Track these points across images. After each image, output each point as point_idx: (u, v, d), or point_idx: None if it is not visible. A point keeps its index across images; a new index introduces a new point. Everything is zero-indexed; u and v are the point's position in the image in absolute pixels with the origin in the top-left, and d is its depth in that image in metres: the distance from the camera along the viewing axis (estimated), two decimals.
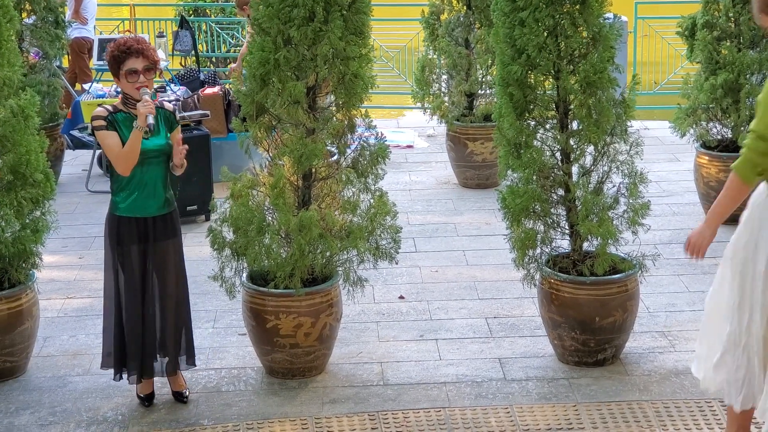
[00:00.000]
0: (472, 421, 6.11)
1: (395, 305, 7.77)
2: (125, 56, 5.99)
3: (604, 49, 6.50)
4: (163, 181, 6.15)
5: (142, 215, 6.11)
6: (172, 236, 6.23)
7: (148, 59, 6.02)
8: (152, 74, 6.08)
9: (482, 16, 10.41)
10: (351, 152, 6.66)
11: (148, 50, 6.04)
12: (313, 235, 6.34)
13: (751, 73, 9.07)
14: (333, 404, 6.34)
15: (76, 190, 10.76)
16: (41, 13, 10.83)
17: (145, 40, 6.15)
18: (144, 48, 6.02)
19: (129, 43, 6.02)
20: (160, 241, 6.17)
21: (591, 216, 6.57)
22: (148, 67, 6.02)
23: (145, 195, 6.09)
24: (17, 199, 6.52)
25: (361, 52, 6.46)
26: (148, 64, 6.02)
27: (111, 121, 6.03)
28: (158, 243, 6.16)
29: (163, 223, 6.17)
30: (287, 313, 6.44)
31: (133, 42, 6.03)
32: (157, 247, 6.16)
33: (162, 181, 6.14)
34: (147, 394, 6.38)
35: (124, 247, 6.13)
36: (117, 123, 6.03)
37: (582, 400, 6.31)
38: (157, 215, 6.14)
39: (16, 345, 6.63)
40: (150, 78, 6.06)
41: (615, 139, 6.66)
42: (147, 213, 6.12)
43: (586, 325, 6.55)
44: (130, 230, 6.12)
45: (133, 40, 6.05)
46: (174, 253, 6.24)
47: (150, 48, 6.07)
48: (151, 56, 6.05)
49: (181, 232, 6.32)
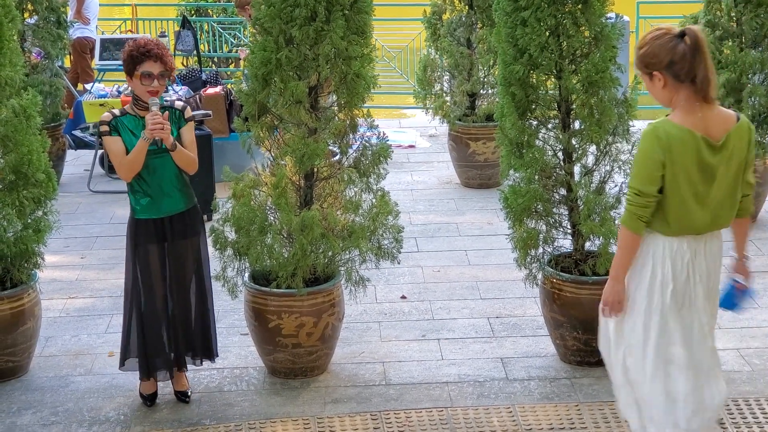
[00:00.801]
0: (474, 421, 6.11)
1: (397, 305, 7.77)
2: (144, 58, 5.96)
3: (606, 49, 6.50)
4: (174, 179, 6.12)
5: (157, 216, 6.10)
6: (192, 235, 6.20)
7: (165, 65, 6.00)
8: (165, 80, 6.05)
9: (484, 15, 10.41)
10: (353, 152, 6.66)
11: (167, 56, 6.02)
12: (315, 234, 6.34)
13: (753, 72, 9.05)
14: (335, 404, 6.34)
15: (78, 190, 10.76)
16: (43, 13, 10.82)
17: (164, 45, 6.12)
18: (163, 54, 5.99)
19: (149, 46, 5.98)
20: (179, 240, 6.16)
21: (593, 216, 6.56)
22: (163, 73, 6.00)
23: (158, 195, 6.08)
24: (19, 198, 6.52)
25: (363, 51, 6.45)
26: (164, 70, 6.00)
27: (115, 126, 6.02)
28: (176, 242, 6.15)
29: (181, 222, 6.15)
30: (289, 313, 6.44)
31: (153, 45, 6.00)
32: (175, 246, 6.15)
33: (172, 180, 6.11)
34: (150, 394, 6.37)
35: (142, 247, 6.12)
36: (122, 127, 6.02)
37: (584, 399, 6.31)
38: (173, 214, 6.13)
39: (18, 345, 6.63)
40: (163, 84, 6.03)
41: (617, 138, 6.66)
42: (162, 213, 6.10)
43: (588, 324, 6.53)
44: (148, 231, 6.10)
45: (153, 44, 6.02)
46: (192, 251, 6.22)
47: (168, 54, 6.06)
48: (169, 63, 6.03)
49: (204, 229, 6.30)
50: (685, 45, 4.46)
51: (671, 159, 4.43)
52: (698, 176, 4.47)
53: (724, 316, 7.35)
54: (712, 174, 4.49)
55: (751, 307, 7.53)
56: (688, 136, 4.44)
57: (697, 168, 4.45)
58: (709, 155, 4.46)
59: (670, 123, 4.47)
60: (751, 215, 4.83)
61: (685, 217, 4.52)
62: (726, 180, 4.55)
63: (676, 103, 4.52)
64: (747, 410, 6.15)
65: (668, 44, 4.45)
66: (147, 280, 6.15)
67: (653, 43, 4.48)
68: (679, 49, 4.46)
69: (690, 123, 4.47)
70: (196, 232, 6.25)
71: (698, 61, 4.45)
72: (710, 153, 4.47)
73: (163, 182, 6.08)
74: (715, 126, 4.48)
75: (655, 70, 4.50)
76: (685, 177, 4.46)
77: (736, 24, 9.09)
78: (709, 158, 4.47)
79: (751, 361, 6.74)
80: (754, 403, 6.22)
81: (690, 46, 4.46)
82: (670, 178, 4.46)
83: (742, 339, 7.05)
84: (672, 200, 4.50)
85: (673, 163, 4.44)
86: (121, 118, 6.05)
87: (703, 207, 4.52)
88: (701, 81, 4.44)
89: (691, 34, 4.47)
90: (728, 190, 4.59)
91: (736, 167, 4.58)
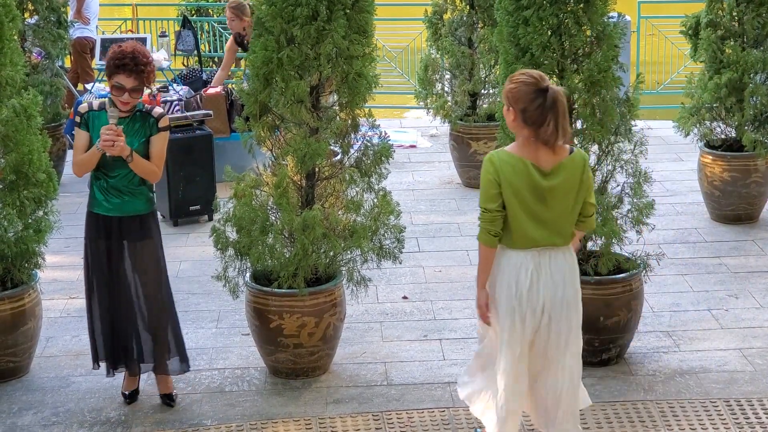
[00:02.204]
0: (476, 421, 6.09)
1: (399, 305, 7.76)
2: (117, 70, 5.86)
3: (608, 48, 6.49)
4: (133, 184, 6.03)
5: (110, 214, 6.06)
6: (145, 237, 6.11)
7: (139, 80, 5.87)
8: (139, 94, 5.93)
9: (485, 15, 10.40)
10: (354, 152, 6.65)
11: (143, 72, 5.86)
12: (317, 234, 6.33)
13: (755, 72, 9.05)
14: (337, 404, 6.32)
15: (78, 191, 10.70)
16: (44, 13, 10.81)
17: (145, 57, 5.91)
18: (140, 69, 5.85)
19: (125, 60, 5.84)
20: (132, 242, 6.10)
21: (595, 215, 6.55)
22: (136, 88, 5.89)
23: (115, 195, 6.04)
24: (20, 198, 6.51)
25: (365, 51, 6.44)
26: (137, 85, 5.89)
27: (86, 119, 6.02)
28: (130, 244, 6.10)
29: (133, 224, 6.08)
30: (291, 313, 6.43)
31: (130, 60, 5.84)
32: (129, 248, 6.11)
33: (131, 184, 6.03)
34: (130, 392, 6.39)
35: (93, 243, 6.14)
36: (95, 121, 5.98)
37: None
38: (127, 215, 6.06)
39: (19, 345, 6.62)
40: (135, 97, 5.92)
41: (619, 138, 6.64)
42: (118, 212, 6.05)
43: (590, 324, 6.51)
44: (100, 227, 6.10)
45: (130, 57, 5.85)
46: (149, 254, 6.14)
47: (146, 70, 5.88)
48: (144, 79, 5.88)
49: (158, 234, 6.18)
50: (542, 101, 5.00)
51: (505, 180, 5.06)
52: (531, 197, 5.08)
53: (727, 316, 7.38)
54: (544, 196, 5.09)
55: (754, 307, 7.52)
56: (518, 163, 5.06)
57: (529, 190, 5.07)
58: (540, 179, 5.06)
59: (504, 152, 5.13)
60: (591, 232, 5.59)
61: (523, 232, 5.12)
62: (562, 202, 5.14)
63: (518, 136, 5.15)
64: (750, 410, 6.14)
65: (529, 95, 5.01)
66: (99, 276, 6.16)
67: (520, 86, 5.05)
68: (535, 102, 5.00)
69: (522, 153, 5.09)
70: (152, 236, 6.14)
71: (548, 118, 4.99)
72: (541, 177, 5.06)
73: (121, 183, 6.03)
74: (546, 157, 5.07)
75: (511, 107, 5.08)
76: (518, 198, 5.07)
77: (738, 24, 9.08)
78: (541, 182, 5.07)
79: (753, 361, 6.73)
80: (757, 403, 6.21)
81: (546, 103, 5.00)
82: (507, 199, 5.09)
83: (745, 339, 7.04)
84: (512, 218, 5.12)
85: (508, 185, 5.06)
86: (96, 112, 6.01)
87: (539, 224, 5.11)
88: (544, 132, 5.01)
89: (552, 94, 5.00)
90: (564, 211, 5.15)
91: (571, 192, 5.15)
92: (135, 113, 6.01)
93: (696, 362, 6.75)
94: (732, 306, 7.57)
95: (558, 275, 5.18)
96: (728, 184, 9.13)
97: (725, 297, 7.73)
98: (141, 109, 6.06)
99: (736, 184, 9.11)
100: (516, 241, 5.15)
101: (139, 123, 6.01)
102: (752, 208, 9.24)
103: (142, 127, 6.01)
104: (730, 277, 8.09)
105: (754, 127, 9.11)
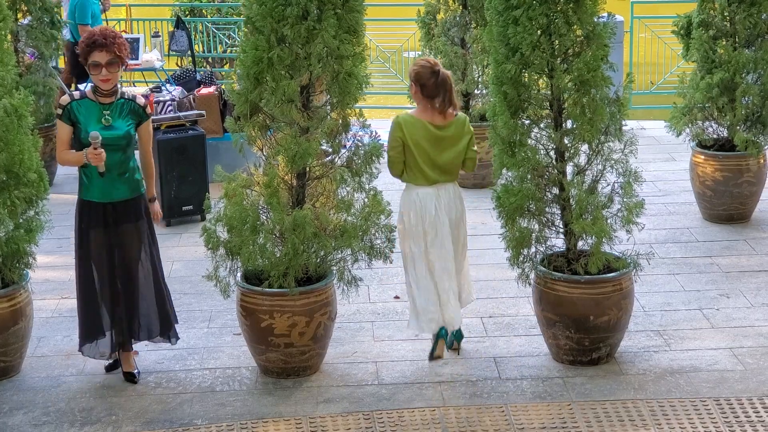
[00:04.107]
0: (466, 421, 6.10)
1: (390, 305, 7.76)
2: (90, 49, 6.16)
3: (598, 48, 6.50)
4: (123, 168, 6.31)
5: (103, 200, 6.31)
6: (135, 220, 6.40)
7: (111, 53, 6.15)
8: (116, 68, 6.22)
9: (478, 15, 10.41)
10: (345, 151, 6.66)
11: (114, 44, 6.15)
12: (307, 234, 6.33)
13: (746, 71, 9.06)
14: (327, 404, 6.33)
15: (71, 191, 10.66)
16: (37, 14, 10.83)
17: (114, 33, 6.27)
18: (108, 42, 6.14)
19: (94, 37, 6.16)
20: (122, 224, 6.36)
21: (585, 215, 6.56)
22: (111, 61, 6.17)
23: (105, 181, 6.27)
24: (11, 198, 6.52)
25: (355, 50, 6.45)
26: (112, 57, 6.16)
27: (68, 111, 6.28)
28: (120, 226, 6.36)
29: (124, 208, 6.36)
30: (281, 313, 6.43)
31: (99, 35, 6.16)
32: (119, 230, 6.36)
33: (121, 168, 6.31)
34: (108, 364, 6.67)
35: (86, 229, 6.35)
36: (76, 112, 6.26)
37: (577, 398, 6.30)
38: (118, 200, 6.33)
39: (10, 345, 6.62)
40: (113, 72, 6.21)
41: (609, 137, 6.65)
42: (109, 198, 6.31)
43: (580, 323, 6.54)
44: (94, 214, 6.33)
45: (99, 34, 6.18)
46: (138, 235, 6.42)
47: (117, 42, 6.18)
48: (115, 50, 6.16)
49: (149, 216, 6.49)
50: (435, 79, 6.55)
51: (408, 135, 6.57)
52: (428, 145, 6.58)
53: (718, 316, 7.39)
54: (439, 144, 6.61)
55: (745, 307, 7.53)
56: (418, 122, 6.59)
57: (427, 141, 6.58)
58: (436, 131, 6.59)
59: (408, 114, 6.67)
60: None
61: (421, 171, 6.61)
62: (452, 149, 6.62)
63: (419, 105, 6.65)
64: (740, 409, 6.15)
65: (426, 74, 6.58)
66: (88, 262, 6.38)
67: (421, 69, 6.60)
68: (430, 80, 6.57)
69: (422, 117, 6.60)
70: (140, 216, 6.43)
71: (439, 92, 6.56)
72: (436, 130, 6.59)
73: (113, 170, 6.28)
74: (439, 119, 6.60)
75: (414, 83, 6.60)
76: (419, 148, 6.56)
77: (730, 23, 9.09)
78: (436, 133, 6.59)
79: (744, 360, 6.74)
80: (747, 403, 6.22)
81: (438, 81, 6.55)
82: (411, 149, 6.57)
83: (735, 338, 7.05)
84: (414, 163, 6.59)
85: (410, 138, 6.56)
86: (79, 102, 6.28)
87: (433, 166, 6.61)
88: (438, 102, 6.58)
89: (442, 75, 6.58)
90: (453, 155, 6.64)
91: (458, 140, 6.64)
92: (119, 99, 6.31)
93: (686, 361, 6.76)
94: (723, 305, 7.58)
95: (452, 202, 6.73)
96: (720, 183, 9.14)
97: (716, 296, 7.74)
98: (125, 97, 6.36)
99: (728, 184, 9.12)
100: (417, 179, 6.63)
101: (127, 107, 6.34)
102: (744, 208, 9.25)
103: (131, 112, 6.33)
104: (722, 277, 8.10)
105: (745, 126, 9.12)
